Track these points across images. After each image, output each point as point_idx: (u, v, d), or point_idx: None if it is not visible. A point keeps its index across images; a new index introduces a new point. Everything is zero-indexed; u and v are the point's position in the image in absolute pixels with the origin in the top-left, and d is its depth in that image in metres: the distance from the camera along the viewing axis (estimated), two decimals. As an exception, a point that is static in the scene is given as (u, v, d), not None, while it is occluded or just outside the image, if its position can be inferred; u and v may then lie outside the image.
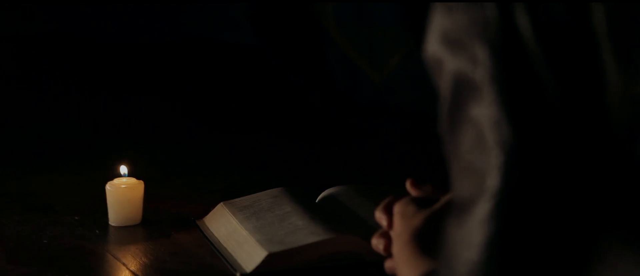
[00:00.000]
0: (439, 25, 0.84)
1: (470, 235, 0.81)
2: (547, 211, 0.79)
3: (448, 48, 0.83)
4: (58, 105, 2.55)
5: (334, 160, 2.10)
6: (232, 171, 1.98)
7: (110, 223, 1.59)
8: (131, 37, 2.89)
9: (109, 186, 1.58)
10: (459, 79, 0.82)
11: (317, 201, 1.61)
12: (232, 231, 1.47)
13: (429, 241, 1.11)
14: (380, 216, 1.20)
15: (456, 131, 0.84)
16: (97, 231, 1.56)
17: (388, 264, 1.20)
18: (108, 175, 1.65)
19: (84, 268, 1.41)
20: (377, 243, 1.20)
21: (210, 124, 2.41)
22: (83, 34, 2.93)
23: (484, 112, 0.80)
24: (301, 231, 1.41)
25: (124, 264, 1.43)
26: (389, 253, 1.19)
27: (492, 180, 0.79)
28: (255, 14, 2.62)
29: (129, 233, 1.56)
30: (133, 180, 1.60)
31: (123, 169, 1.60)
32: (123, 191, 1.58)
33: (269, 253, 1.36)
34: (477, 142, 0.81)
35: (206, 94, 2.68)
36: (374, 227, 1.34)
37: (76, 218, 1.62)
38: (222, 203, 1.57)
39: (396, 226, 1.16)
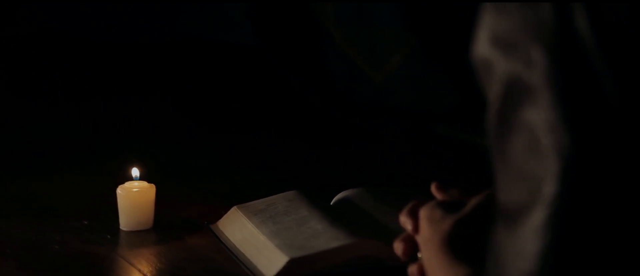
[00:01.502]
0: (490, 26, 0.81)
1: (524, 244, 0.78)
2: (607, 219, 0.76)
3: (500, 50, 0.80)
4: (57, 106, 2.51)
5: (335, 161, 2.07)
6: (235, 172, 1.95)
7: (121, 227, 1.55)
8: (131, 37, 2.86)
9: (120, 190, 1.55)
10: (512, 82, 0.79)
11: (331, 204, 1.58)
12: (249, 235, 1.44)
13: (461, 246, 1.08)
14: (405, 220, 1.17)
15: (506, 135, 0.81)
16: (108, 236, 1.52)
17: (412, 269, 1.17)
18: (110, 178, 1.62)
19: (98, 275, 1.38)
20: (398, 247, 1.17)
21: (211, 124, 2.38)
22: (83, 34, 2.89)
23: (539, 116, 0.77)
24: (322, 236, 1.38)
25: (139, 270, 1.39)
26: (408, 258, 1.16)
27: (549, 187, 0.76)
28: (256, 14, 2.59)
29: (141, 237, 1.52)
30: (144, 184, 1.56)
31: (135, 172, 1.56)
32: (135, 195, 1.54)
33: (290, 259, 1.33)
34: (530, 147, 0.78)
35: (206, 94, 2.65)
36: (395, 231, 1.32)
37: (85, 222, 1.58)
38: (235, 206, 1.53)
39: (423, 230, 1.13)
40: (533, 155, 0.78)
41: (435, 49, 2.37)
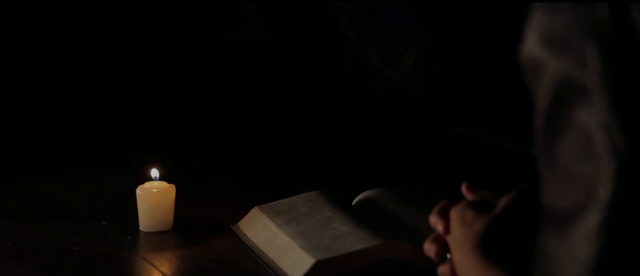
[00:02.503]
0: (541, 24, 0.79)
1: (577, 249, 0.76)
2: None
3: (551, 49, 0.78)
4: (63, 106, 2.48)
5: (351, 160, 2.06)
6: (249, 172, 1.92)
7: (140, 228, 1.53)
8: (136, 35, 2.84)
9: (139, 191, 1.53)
10: (564, 82, 0.77)
11: (353, 204, 1.56)
12: (272, 236, 1.42)
13: (494, 248, 1.07)
14: (435, 221, 1.16)
15: (556, 137, 0.79)
16: (128, 237, 1.50)
17: (442, 270, 1.15)
18: (125, 178, 1.60)
19: (124, 276, 1.37)
20: (429, 248, 1.15)
21: (221, 124, 2.36)
22: (85, 33, 2.87)
23: (593, 117, 0.75)
24: (348, 237, 1.36)
25: (162, 272, 1.37)
26: (441, 259, 1.14)
27: (603, 190, 0.75)
28: (269, 12, 2.57)
29: (162, 238, 1.50)
30: (164, 184, 1.54)
31: (154, 172, 1.54)
32: (155, 195, 1.52)
33: (317, 260, 1.31)
34: (583, 149, 0.76)
35: (218, 93, 2.62)
36: (422, 232, 1.30)
37: (104, 223, 1.56)
38: (256, 207, 1.51)
39: (455, 232, 1.12)
40: (585, 157, 0.76)
41: (450, 47, 2.35)
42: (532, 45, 0.80)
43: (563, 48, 0.77)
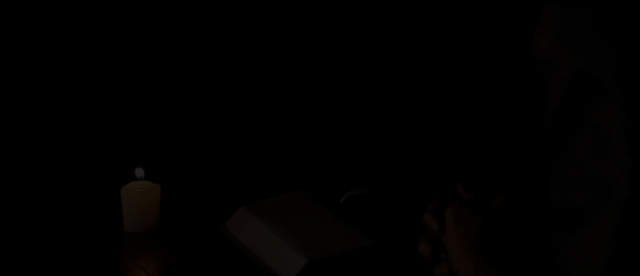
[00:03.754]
0: (555, 20, 0.77)
1: (594, 247, 0.75)
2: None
3: (566, 45, 0.77)
4: (50, 101, 2.44)
5: (337, 157, 2.03)
6: (233, 171, 1.90)
7: (125, 229, 1.50)
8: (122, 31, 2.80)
9: (124, 190, 1.50)
10: (579, 79, 0.76)
11: (340, 202, 1.54)
12: (261, 237, 1.39)
13: (491, 247, 1.05)
14: (430, 220, 1.14)
15: (570, 134, 0.78)
16: (113, 238, 1.47)
17: (438, 270, 1.13)
18: (109, 178, 1.57)
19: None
20: (423, 247, 1.13)
21: (208, 123, 2.33)
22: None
23: (610, 116, 0.74)
24: (339, 237, 1.35)
25: (149, 274, 1.35)
26: (436, 259, 1.13)
27: (620, 190, 0.73)
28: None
29: (147, 239, 1.48)
30: (149, 184, 1.51)
31: (139, 172, 1.51)
32: (140, 195, 1.49)
33: (309, 261, 1.29)
34: (599, 148, 0.75)
35: (200, 91, 2.59)
36: (413, 230, 1.28)
37: (87, 225, 1.52)
38: (243, 206, 1.49)
39: (451, 230, 1.10)
40: (601, 155, 0.75)
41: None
42: (545, 41, 0.79)
43: (578, 44, 0.76)
